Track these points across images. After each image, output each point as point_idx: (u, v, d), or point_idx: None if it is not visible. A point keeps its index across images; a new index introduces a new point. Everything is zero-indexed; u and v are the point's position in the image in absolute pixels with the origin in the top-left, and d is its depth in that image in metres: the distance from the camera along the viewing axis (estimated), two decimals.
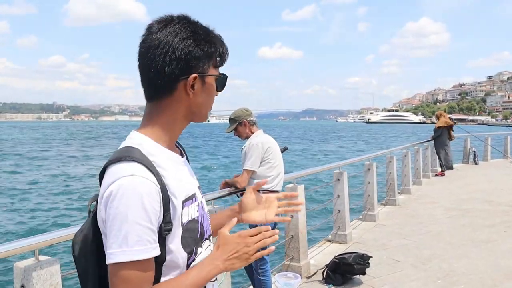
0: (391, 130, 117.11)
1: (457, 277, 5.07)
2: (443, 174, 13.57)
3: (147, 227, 1.14)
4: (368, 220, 7.89)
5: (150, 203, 1.14)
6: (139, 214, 1.13)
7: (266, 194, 1.66)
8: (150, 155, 1.22)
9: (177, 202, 1.23)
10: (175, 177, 1.26)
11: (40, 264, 2.37)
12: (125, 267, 1.13)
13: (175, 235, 1.23)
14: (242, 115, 4.25)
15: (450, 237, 6.77)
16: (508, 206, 8.89)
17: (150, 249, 1.14)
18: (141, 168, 1.17)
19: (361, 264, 4.95)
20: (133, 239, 1.12)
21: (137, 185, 1.14)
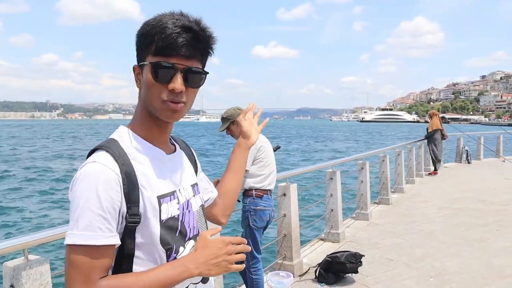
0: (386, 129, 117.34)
1: (449, 276, 5.08)
2: (436, 173, 13.62)
3: (99, 214, 1.13)
4: (361, 219, 7.90)
5: (106, 190, 1.14)
6: (92, 200, 1.13)
7: (247, 115, 1.76)
8: (128, 148, 1.25)
9: (149, 196, 1.22)
10: (151, 172, 1.26)
11: (30, 264, 2.35)
12: (74, 250, 1.13)
13: (153, 231, 1.22)
14: (234, 114, 4.20)
15: (443, 236, 6.79)
16: (501, 205, 8.94)
17: (101, 237, 1.13)
18: (106, 157, 1.19)
19: (354, 263, 4.96)
20: (83, 224, 1.12)
21: (94, 172, 1.15)
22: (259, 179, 4.14)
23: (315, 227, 8.78)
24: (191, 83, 1.26)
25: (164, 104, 1.23)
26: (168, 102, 1.23)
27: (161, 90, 1.23)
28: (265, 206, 4.15)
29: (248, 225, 4.16)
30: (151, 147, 1.31)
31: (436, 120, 13.58)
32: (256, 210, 4.12)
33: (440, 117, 13.88)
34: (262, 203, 4.13)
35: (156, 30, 1.21)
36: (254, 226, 4.14)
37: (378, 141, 53.84)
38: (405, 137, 56.00)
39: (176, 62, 1.21)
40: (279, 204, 5.31)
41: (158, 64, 1.21)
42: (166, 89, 1.22)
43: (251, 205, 4.13)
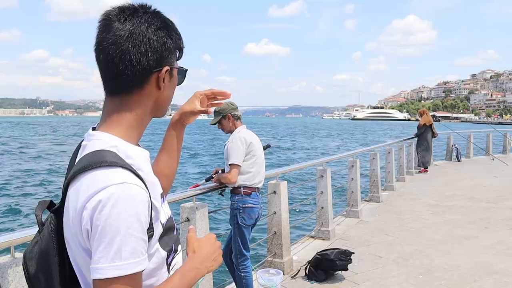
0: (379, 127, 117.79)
1: (438, 273, 5.11)
2: (427, 171, 13.69)
3: (141, 239, 1.06)
4: (351, 216, 7.93)
5: (144, 212, 1.06)
6: (134, 225, 1.04)
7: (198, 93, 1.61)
8: (128, 158, 1.14)
9: (158, 204, 1.17)
10: (152, 178, 1.21)
11: (16, 261, 2.33)
12: (117, 282, 1.03)
13: (156, 237, 1.16)
14: (227, 108, 4.20)
15: (432, 233, 6.83)
16: (490, 203, 9.01)
17: (143, 261, 1.07)
18: (129, 175, 1.08)
19: (344, 260, 4.97)
20: (127, 252, 1.03)
21: (131, 194, 1.05)
22: (248, 177, 4.14)
23: (305, 225, 8.80)
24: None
25: None
26: None
27: None
28: (254, 204, 4.16)
29: (237, 222, 4.16)
30: (141, 150, 1.24)
31: (426, 118, 13.64)
32: (244, 207, 4.13)
33: (429, 115, 13.95)
34: (250, 201, 4.14)
35: (180, 37, 1.28)
36: (242, 223, 4.14)
37: (373, 139, 54.01)
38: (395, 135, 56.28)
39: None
40: (269, 202, 5.31)
41: (185, 71, 1.32)
42: None
43: (239, 203, 4.13)
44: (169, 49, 1.23)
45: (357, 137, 63.77)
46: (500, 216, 7.89)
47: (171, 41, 1.23)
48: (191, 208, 3.77)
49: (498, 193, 10.11)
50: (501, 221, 7.51)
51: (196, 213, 3.69)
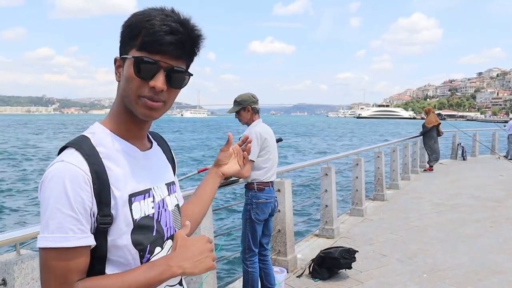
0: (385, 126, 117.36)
1: (442, 272, 5.11)
2: (432, 170, 13.65)
3: (69, 215, 1.09)
4: (355, 214, 7.92)
5: (75, 190, 1.10)
6: (61, 201, 1.09)
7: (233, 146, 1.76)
8: (99, 145, 1.19)
9: (120, 195, 1.18)
10: (123, 170, 1.21)
11: (22, 258, 2.35)
12: (47, 253, 1.10)
13: (124, 231, 1.17)
14: (248, 100, 4.18)
15: (437, 232, 6.82)
16: (495, 202, 8.98)
17: (73, 238, 1.09)
18: (75, 155, 1.14)
19: (347, 259, 4.98)
20: (54, 226, 1.08)
21: (62, 171, 1.11)
22: (262, 172, 4.12)
23: (309, 223, 8.80)
24: (173, 83, 1.21)
25: (140, 100, 1.19)
26: (146, 99, 1.18)
27: (141, 86, 1.18)
28: (267, 199, 4.14)
29: (250, 217, 4.14)
30: (124, 144, 1.26)
31: (432, 116, 13.60)
32: (258, 203, 4.11)
33: (436, 114, 13.91)
34: (263, 196, 4.12)
35: (144, 24, 1.16)
36: (255, 218, 4.11)
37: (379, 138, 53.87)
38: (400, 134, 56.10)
39: (160, 60, 1.17)
40: None
41: (141, 59, 1.16)
42: (146, 85, 1.17)
43: (253, 198, 4.12)
44: (122, 40, 1.23)
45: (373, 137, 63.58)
46: (505, 215, 7.87)
47: (124, 31, 1.22)
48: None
49: (503, 192, 10.08)
50: (507, 220, 7.49)
51: None
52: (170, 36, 1.15)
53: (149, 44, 1.16)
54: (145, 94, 1.18)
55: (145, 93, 1.18)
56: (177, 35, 1.16)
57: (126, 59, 1.20)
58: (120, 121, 1.27)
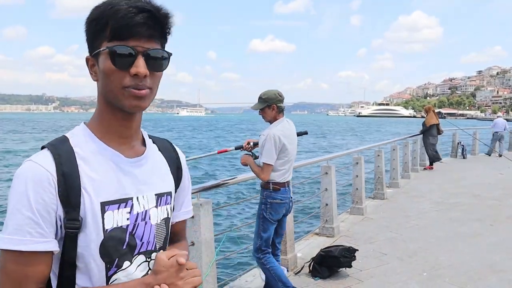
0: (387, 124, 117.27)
1: (442, 270, 5.10)
2: (432, 168, 13.65)
3: (29, 217, 1.04)
4: (356, 213, 7.91)
5: (37, 192, 1.05)
6: (22, 202, 1.05)
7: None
8: (77, 146, 1.14)
9: (92, 201, 1.11)
10: (99, 175, 1.14)
11: None
12: (4, 255, 1.06)
13: (91, 240, 1.11)
14: (274, 98, 4.08)
15: (437, 230, 6.81)
16: (495, 200, 8.97)
17: (30, 242, 1.04)
18: (43, 155, 1.10)
19: (347, 257, 4.97)
20: (12, 227, 1.04)
21: (26, 172, 1.07)
22: (279, 174, 4.05)
23: (309, 222, 8.80)
24: (155, 67, 1.13)
25: (125, 91, 1.11)
26: (131, 88, 1.11)
27: (122, 77, 1.10)
28: (282, 199, 4.08)
29: (263, 216, 4.09)
30: (105, 148, 1.18)
31: (432, 115, 13.58)
32: (272, 203, 4.06)
33: (436, 112, 13.90)
34: (279, 196, 4.07)
35: (109, 13, 1.09)
36: (269, 218, 4.07)
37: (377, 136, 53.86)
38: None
39: (135, 45, 1.09)
40: None
41: (116, 49, 1.09)
42: (128, 75, 1.10)
43: (268, 198, 4.07)
44: (93, 32, 1.15)
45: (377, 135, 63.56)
46: (505, 213, 7.87)
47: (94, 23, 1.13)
48: (195, 205, 3.76)
49: (503, 190, 10.07)
50: (507, 219, 7.49)
51: (200, 210, 3.68)
52: (139, 16, 1.08)
53: (119, 30, 1.09)
54: (129, 84, 1.10)
55: (129, 82, 1.10)
56: (145, 15, 1.09)
57: (99, 54, 1.12)
58: (103, 120, 1.20)
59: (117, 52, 1.09)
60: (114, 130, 1.20)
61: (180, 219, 1.44)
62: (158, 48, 1.14)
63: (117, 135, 1.21)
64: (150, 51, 1.11)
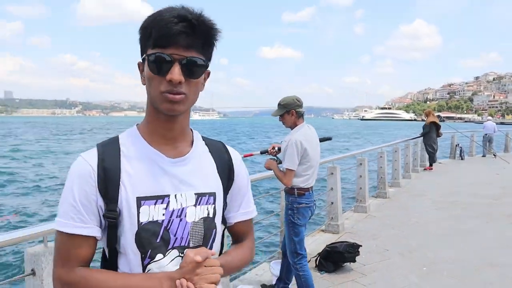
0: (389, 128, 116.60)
1: (441, 265, 5.08)
2: (431, 169, 13.58)
3: (71, 205, 1.13)
4: (359, 211, 7.89)
5: (80, 184, 1.14)
6: (68, 192, 1.15)
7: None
8: (123, 145, 1.21)
9: (128, 195, 1.15)
10: (139, 172, 1.18)
11: (49, 250, 2.38)
12: (57, 234, 1.17)
13: (127, 230, 1.15)
14: (292, 104, 3.91)
15: (436, 227, 6.78)
16: (491, 199, 8.91)
17: (71, 226, 1.13)
18: (91, 152, 1.19)
19: (351, 253, 4.97)
20: (61, 212, 1.15)
21: (74, 166, 1.18)
22: (303, 179, 3.90)
23: (316, 219, 8.78)
24: (190, 74, 1.13)
25: (162, 95, 1.13)
26: (166, 93, 1.12)
27: (160, 82, 1.12)
28: (307, 203, 3.95)
29: (292, 222, 3.95)
30: (148, 148, 1.21)
31: (432, 118, 13.53)
32: (298, 208, 3.92)
33: (435, 116, 13.84)
34: (304, 201, 3.93)
35: (154, 22, 1.12)
36: (298, 223, 3.93)
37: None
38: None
39: (173, 53, 1.11)
40: (282, 198, 5.30)
41: (154, 56, 1.12)
42: (164, 80, 1.11)
43: (293, 203, 3.93)
44: (142, 40, 1.18)
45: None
46: (501, 211, 7.81)
47: (142, 31, 1.17)
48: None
49: (499, 189, 9.99)
50: (502, 216, 7.43)
51: None
52: (178, 26, 1.09)
53: (160, 38, 1.11)
54: (164, 89, 1.12)
55: (164, 88, 1.12)
56: (185, 23, 1.10)
57: (145, 60, 1.16)
58: (149, 122, 1.24)
59: (155, 59, 1.12)
60: (158, 131, 1.23)
61: (238, 219, 1.40)
62: (194, 56, 1.13)
63: (160, 136, 1.23)
64: (186, 59, 1.12)
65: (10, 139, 49.47)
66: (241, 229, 1.43)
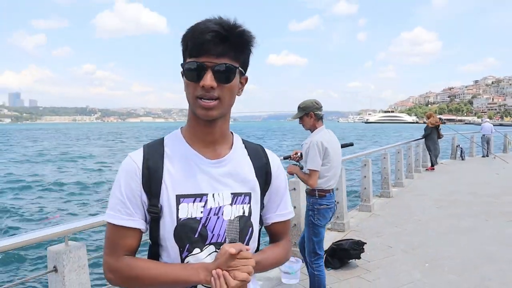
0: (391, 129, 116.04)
1: (442, 261, 5.05)
2: (433, 169, 13.49)
3: (119, 199, 1.20)
4: (364, 210, 7.86)
5: (126, 180, 1.21)
6: (115, 185, 1.22)
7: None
8: (167, 146, 1.26)
9: (169, 193, 1.20)
10: (179, 172, 1.22)
11: (70, 249, 2.42)
12: (107, 225, 1.24)
13: (168, 224, 1.19)
14: (311, 107, 3.84)
15: (438, 225, 6.73)
16: (490, 197, 8.83)
17: (118, 218, 1.20)
18: (138, 151, 1.26)
19: (357, 250, 4.95)
20: (110, 205, 1.22)
21: (123, 164, 1.24)
22: (324, 180, 3.84)
23: None
24: (222, 79, 1.15)
25: (197, 101, 1.17)
26: (200, 99, 1.16)
27: (195, 88, 1.17)
28: (328, 204, 3.88)
29: (312, 222, 3.90)
30: (189, 149, 1.26)
31: (433, 120, 13.44)
32: (319, 209, 3.86)
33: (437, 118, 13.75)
34: (324, 202, 3.86)
35: (190, 33, 1.17)
36: (318, 223, 3.87)
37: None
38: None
39: (205, 61, 1.14)
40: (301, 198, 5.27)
41: (188, 65, 1.16)
42: (198, 86, 1.15)
43: (314, 205, 3.88)
44: (182, 50, 1.22)
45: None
46: (500, 209, 7.73)
47: (182, 42, 1.21)
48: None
49: (498, 188, 9.89)
50: (501, 214, 7.36)
51: None
52: (209, 36, 1.13)
53: (193, 48, 1.16)
54: (199, 94, 1.16)
55: (199, 93, 1.16)
56: (216, 33, 1.13)
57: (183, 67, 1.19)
58: (190, 126, 1.28)
59: (189, 67, 1.16)
60: (198, 134, 1.27)
61: (275, 220, 1.41)
62: (225, 63, 1.16)
63: (201, 139, 1.27)
64: (217, 66, 1.15)
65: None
66: (278, 230, 1.44)
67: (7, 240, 2.33)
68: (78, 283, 2.43)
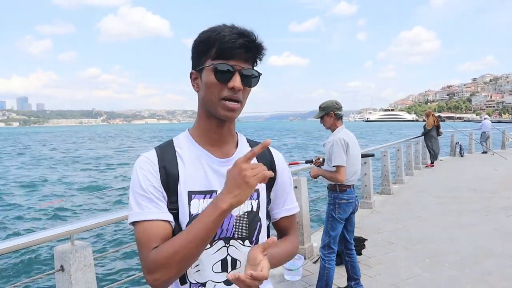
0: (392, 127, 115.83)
1: (442, 257, 5.03)
2: (433, 166, 13.46)
3: (141, 194, 1.18)
4: (365, 207, 7.85)
5: (143, 174, 1.20)
6: (135, 183, 1.20)
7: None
8: (178, 147, 1.27)
9: (182, 189, 1.22)
10: (191, 170, 1.24)
11: (76, 248, 2.42)
12: (134, 227, 1.19)
13: (182, 220, 1.21)
14: (331, 106, 3.93)
15: (438, 221, 6.72)
16: (489, 193, 8.80)
17: (147, 213, 1.16)
18: (151, 151, 1.26)
19: (358, 246, 4.95)
20: (132, 204, 1.19)
21: (137, 163, 1.23)
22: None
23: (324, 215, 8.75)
24: (247, 83, 1.21)
25: (221, 102, 1.19)
26: (226, 100, 1.19)
27: (221, 89, 1.19)
28: (348, 199, 3.92)
29: (332, 216, 3.95)
30: (199, 149, 1.28)
31: (432, 118, 13.41)
32: (340, 203, 3.90)
33: (435, 116, 13.71)
34: (345, 196, 3.91)
35: (215, 37, 1.18)
36: (338, 218, 3.92)
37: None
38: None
39: (234, 64, 1.19)
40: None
41: (219, 66, 1.18)
42: (226, 87, 1.18)
43: (335, 199, 3.93)
44: (193, 56, 1.26)
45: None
46: (499, 205, 7.71)
47: (194, 49, 1.25)
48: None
49: (497, 184, 9.86)
50: (500, 210, 7.34)
51: None
52: (240, 41, 1.17)
53: (223, 51, 1.18)
54: (225, 96, 1.19)
55: (225, 94, 1.19)
56: (244, 39, 1.18)
57: (204, 69, 1.22)
58: (200, 126, 1.30)
59: (220, 68, 1.18)
60: (208, 134, 1.29)
61: (282, 215, 1.42)
62: (251, 68, 1.23)
63: (210, 139, 1.29)
64: (245, 70, 1.20)
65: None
66: (285, 225, 1.46)
67: (14, 241, 2.34)
68: (85, 282, 2.44)
